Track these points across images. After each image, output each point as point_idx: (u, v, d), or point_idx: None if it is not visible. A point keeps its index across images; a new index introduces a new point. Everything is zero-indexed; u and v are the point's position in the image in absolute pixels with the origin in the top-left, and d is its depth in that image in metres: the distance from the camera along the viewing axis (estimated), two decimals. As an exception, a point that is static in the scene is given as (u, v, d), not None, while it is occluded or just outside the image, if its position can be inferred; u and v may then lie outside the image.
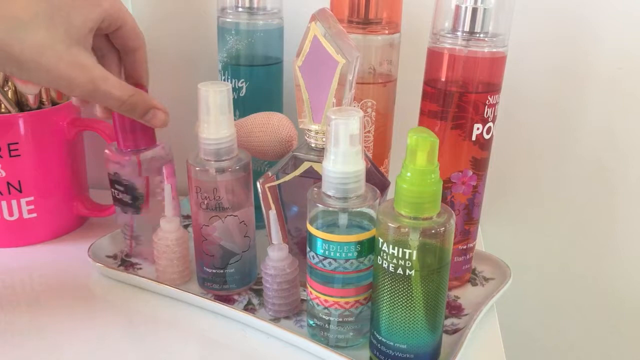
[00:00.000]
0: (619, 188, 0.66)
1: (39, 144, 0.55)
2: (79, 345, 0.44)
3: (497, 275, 0.54)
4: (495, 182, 0.62)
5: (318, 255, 0.41)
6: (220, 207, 0.47)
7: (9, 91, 0.54)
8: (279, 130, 0.49)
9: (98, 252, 0.54)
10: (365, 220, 0.40)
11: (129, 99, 0.43)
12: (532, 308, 0.73)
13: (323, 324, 0.43)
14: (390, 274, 0.38)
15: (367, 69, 0.51)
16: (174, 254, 0.50)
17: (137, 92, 0.44)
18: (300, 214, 0.46)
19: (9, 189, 0.55)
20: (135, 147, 0.50)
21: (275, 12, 0.55)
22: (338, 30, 0.42)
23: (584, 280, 0.71)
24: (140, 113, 0.45)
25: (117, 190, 0.52)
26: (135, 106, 0.44)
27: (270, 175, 0.46)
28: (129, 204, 0.52)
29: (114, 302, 0.50)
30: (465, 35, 0.45)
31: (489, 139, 0.48)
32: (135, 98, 0.44)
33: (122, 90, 0.43)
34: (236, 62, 0.54)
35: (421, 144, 0.36)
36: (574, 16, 0.59)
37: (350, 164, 0.39)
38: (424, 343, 0.40)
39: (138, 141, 0.50)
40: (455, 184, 0.48)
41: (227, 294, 0.50)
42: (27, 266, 0.55)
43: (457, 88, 0.46)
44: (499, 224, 0.69)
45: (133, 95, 0.43)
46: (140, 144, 0.50)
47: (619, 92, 0.62)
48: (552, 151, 0.65)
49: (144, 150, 0.51)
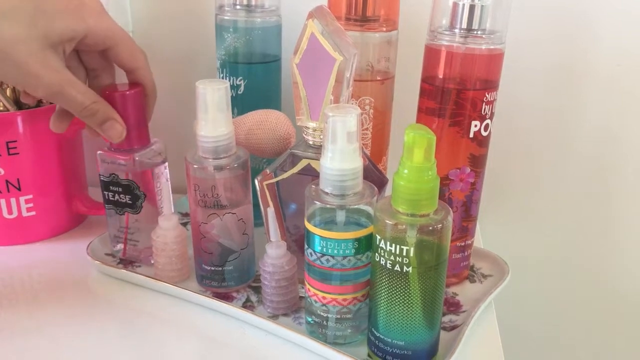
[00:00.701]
0: (617, 185, 0.66)
1: (37, 142, 0.55)
2: (78, 342, 0.45)
3: (495, 272, 0.54)
4: (493, 179, 0.62)
5: (316, 252, 0.41)
6: (219, 204, 0.47)
7: (7, 89, 0.54)
8: (277, 128, 0.49)
9: (97, 250, 0.54)
10: (363, 218, 0.40)
11: (90, 105, 0.44)
12: (530, 305, 0.73)
13: (321, 321, 0.43)
14: (388, 271, 0.38)
15: (365, 66, 0.51)
16: (172, 251, 0.50)
17: (100, 101, 0.45)
18: (299, 212, 0.46)
19: (7, 187, 0.55)
20: (129, 146, 0.50)
21: (273, 9, 0.55)
22: (335, 28, 0.42)
23: (582, 276, 0.71)
24: (98, 121, 0.46)
25: (113, 192, 0.52)
26: (95, 113, 0.45)
27: (268, 173, 0.46)
28: (128, 204, 0.52)
29: (112, 299, 0.50)
30: (463, 32, 0.45)
31: (486, 136, 0.48)
32: (97, 106, 0.45)
33: (85, 96, 0.44)
34: (234, 59, 0.54)
35: (418, 141, 0.36)
36: (572, 13, 0.59)
37: (347, 161, 0.39)
38: (421, 340, 0.40)
39: (133, 140, 0.50)
40: (453, 181, 0.49)
41: (225, 292, 0.50)
42: (26, 264, 0.55)
43: (455, 85, 0.46)
44: (497, 221, 0.69)
45: (95, 103, 0.45)
46: (134, 143, 0.50)
47: (617, 89, 0.62)
48: (550, 148, 0.65)
49: (138, 149, 0.51)
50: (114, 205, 0.52)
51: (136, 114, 0.49)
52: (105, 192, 0.52)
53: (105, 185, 0.52)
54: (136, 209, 0.52)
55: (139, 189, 0.51)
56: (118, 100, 0.48)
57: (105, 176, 0.51)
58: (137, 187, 0.51)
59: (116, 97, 0.48)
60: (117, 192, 0.52)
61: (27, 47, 0.40)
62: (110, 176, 0.51)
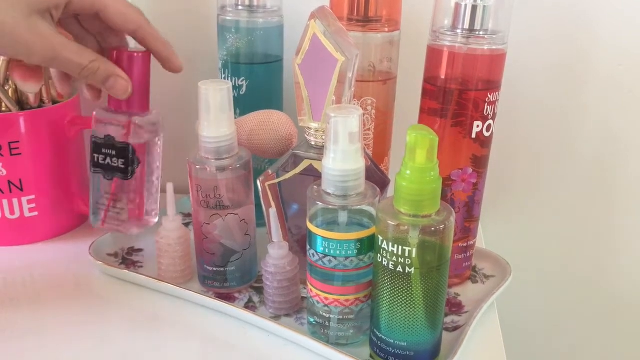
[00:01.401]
0: (619, 185, 0.66)
1: (39, 142, 0.55)
2: (80, 343, 0.45)
3: (498, 272, 0.54)
4: (496, 180, 0.62)
5: (318, 253, 0.41)
6: (221, 205, 0.47)
7: (9, 90, 0.54)
8: (279, 128, 0.49)
9: (99, 251, 0.54)
10: (365, 218, 0.40)
11: (89, 65, 0.44)
12: (533, 305, 0.73)
13: (323, 321, 0.43)
14: (390, 272, 0.38)
15: (367, 67, 0.51)
16: (175, 252, 0.50)
17: (99, 59, 0.44)
18: (301, 212, 0.46)
19: (10, 187, 0.55)
20: (129, 108, 0.49)
21: (275, 10, 0.55)
22: (337, 28, 0.42)
23: (584, 277, 0.71)
24: (101, 79, 0.45)
25: (105, 154, 0.50)
26: (95, 71, 0.44)
27: (270, 174, 0.46)
28: (119, 169, 0.50)
29: (114, 300, 0.50)
30: (465, 32, 0.45)
31: (489, 136, 0.48)
32: (96, 64, 0.44)
33: (81, 56, 0.43)
34: (236, 60, 0.54)
35: (420, 141, 0.36)
36: (573, 14, 0.59)
37: (350, 162, 0.39)
38: (424, 340, 0.40)
39: (133, 104, 0.49)
40: (456, 182, 0.49)
41: (228, 292, 0.50)
42: (28, 264, 0.55)
43: (457, 85, 0.46)
44: (500, 222, 0.69)
45: (94, 61, 0.44)
46: (134, 107, 0.49)
47: (618, 89, 0.61)
48: (552, 149, 0.65)
49: (137, 114, 0.50)
50: (102, 169, 0.51)
51: (139, 77, 0.49)
52: (95, 154, 0.51)
53: (97, 147, 0.50)
54: (127, 175, 0.50)
55: (134, 153, 0.50)
56: (121, 60, 0.47)
57: (98, 137, 0.50)
58: (134, 152, 0.50)
59: (118, 57, 0.47)
60: (109, 155, 0.50)
61: (12, 18, 0.40)
62: (105, 137, 0.50)
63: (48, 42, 0.41)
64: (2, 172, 0.54)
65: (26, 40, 0.41)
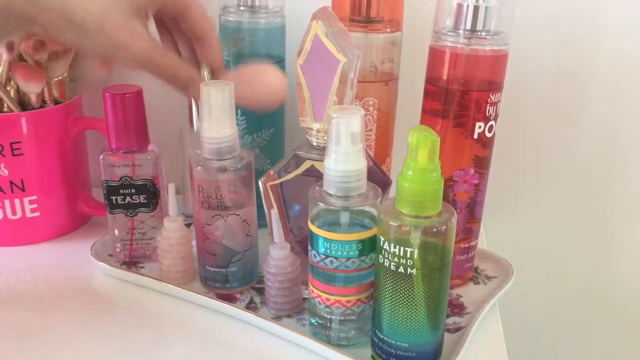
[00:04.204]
0: (621, 186, 0.66)
1: (41, 143, 0.55)
2: (82, 343, 0.45)
3: (500, 273, 0.53)
4: (498, 180, 0.61)
5: (320, 253, 0.41)
6: (223, 206, 0.47)
7: (11, 90, 0.54)
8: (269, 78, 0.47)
9: (101, 251, 0.54)
10: (367, 219, 0.40)
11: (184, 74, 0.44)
12: (535, 306, 0.73)
13: (325, 322, 0.43)
14: (392, 273, 0.38)
15: (369, 68, 0.51)
16: (177, 253, 0.50)
17: (189, 69, 0.44)
18: (302, 213, 0.46)
19: (12, 188, 0.55)
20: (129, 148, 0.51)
21: (277, 10, 0.55)
22: (339, 29, 0.42)
23: (586, 278, 0.71)
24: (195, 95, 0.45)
25: (123, 194, 0.51)
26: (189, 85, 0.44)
27: (272, 174, 0.46)
28: (142, 204, 0.52)
29: (116, 300, 0.50)
30: (467, 33, 0.45)
31: (490, 137, 0.48)
32: (188, 73, 0.44)
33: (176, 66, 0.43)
34: (238, 60, 0.54)
35: (422, 142, 0.36)
36: (575, 16, 0.59)
37: (351, 163, 0.39)
38: (425, 342, 0.40)
39: (132, 142, 0.51)
40: (458, 182, 0.48)
41: (229, 293, 0.50)
42: (29, 265, 0.55)
43: (459, 86, 0.46)
44: (502, 222, 0.68)
45: (187, 70, 0.44)
46: (134, 145, 0.51)
47: (621, 91, 0.61)
48: (554, 149, 0.65)
49: (139, 151, 0.51)
50: (124, 208, 0.52)
51: (135, 114, 0.50)
52: (112, 197, 0.52)
53: (113, 190, 0.51)
54: (152, 207, 0.52)
55: (155, 186, 0.52)
56: (115, 101, 0.48)
57: (113, 181, 0.51)
58: (154, 185, 0.52)
59: (112, 98, 0.48)
60: (128, 195, 0.52)
61: (114, 20, 0.40)
62: (122, 179, 0.51)
63: (144, 45, 0.41)
64: (4, 173, 0.54)
65: (125, 44, 0.40)
